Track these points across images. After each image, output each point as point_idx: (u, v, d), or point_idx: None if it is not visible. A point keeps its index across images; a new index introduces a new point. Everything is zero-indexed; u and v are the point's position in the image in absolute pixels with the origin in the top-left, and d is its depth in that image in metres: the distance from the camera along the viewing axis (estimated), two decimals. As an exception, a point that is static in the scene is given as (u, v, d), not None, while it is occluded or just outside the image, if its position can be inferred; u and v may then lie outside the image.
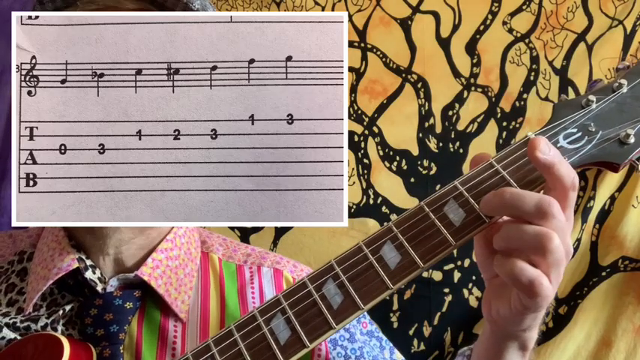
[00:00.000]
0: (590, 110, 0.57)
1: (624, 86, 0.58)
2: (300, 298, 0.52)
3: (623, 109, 0.56)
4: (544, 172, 0.51)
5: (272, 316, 0.52)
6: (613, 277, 1.29)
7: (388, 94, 1.49)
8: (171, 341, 0.69)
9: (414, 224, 0.53)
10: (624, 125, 0.55)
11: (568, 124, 0.56)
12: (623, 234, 1.28)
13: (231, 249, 0.80)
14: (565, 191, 0.51)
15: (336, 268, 0.53)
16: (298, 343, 0.51)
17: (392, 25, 1.49)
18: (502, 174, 0.53)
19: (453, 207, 0.53)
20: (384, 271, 0.51)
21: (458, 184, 0.54)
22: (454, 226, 0.52)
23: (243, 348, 0.52)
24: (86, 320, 0.67)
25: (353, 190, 1.44)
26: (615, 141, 0.55)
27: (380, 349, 0.78)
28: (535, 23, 1.42)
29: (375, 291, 0.51)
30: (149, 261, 0.70)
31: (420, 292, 1.41)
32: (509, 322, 0.54)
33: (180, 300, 0.71)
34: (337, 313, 0.51)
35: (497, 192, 0.51)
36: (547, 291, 0.49)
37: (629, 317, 1.26)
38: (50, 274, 0.68)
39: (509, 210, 0.50)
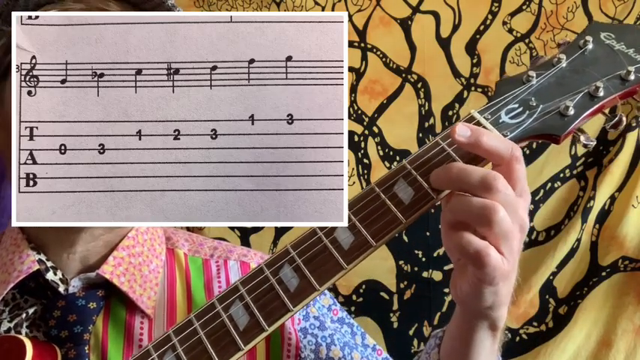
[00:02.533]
0: (530, 85, 0.58)
1: (563, 60, 0.59)
2: (258, 283, 0.53)
3: (563, 82, 0.58)
4: (474, 151, 0.53)
5: (231, 303, 0.53)
6: (613, 277, 1.29)
7: (388, 94, 1.49)
8: (138, 338, 0.69)
9: (365, 204, 0.54)
10: (564, 98, 0.57)
11: (509, 100, 0.57)
12: (623, 234, 1.28)
13: (197, 244, 0.80)
14: (507, 164, 0.53)
15: (292, 252, 0.54)
16: (257, 327, 0.52)
17: (392, 25, 1.49)
18: (448, 151, 0.55)
19: (403, 186, 0.54)
20: (338, 252, 0.53)
21: (406, 163, 0.55)
22: (403, 204, 0.53)
23: (203, 336, 0.52)
24: (50, 322, 0.66)
25: (353, 190, 1.44)
26: (556, 113, 0.56)
27: (351, 335, 0.78)
28: (535, 23, 1.42)
29: (330, 271, 0.53)
30: (110, 259, 0.70)
31: (420, 292, 1.41)
32: (471, 297, 0.55)
33: (146, 296, 0.70)
34: (294, 296, 0.52)
35: (445, 166, 0.53)
36: (495, 261, 0.50)
37: (629, 317, 1.26)
38: (10, 278, 0.67)
39: (456, 184, 0.52)
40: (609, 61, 0.59)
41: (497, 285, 0.53)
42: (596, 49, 0.61)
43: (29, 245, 0.70)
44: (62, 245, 0.70)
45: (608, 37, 0.61)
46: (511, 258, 0.52)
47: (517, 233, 0.52)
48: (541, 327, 1.33)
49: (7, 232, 0.74)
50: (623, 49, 0.60)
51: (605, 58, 0.60)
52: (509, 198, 0.51)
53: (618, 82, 0.58)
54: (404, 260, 1.42)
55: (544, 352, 1.29)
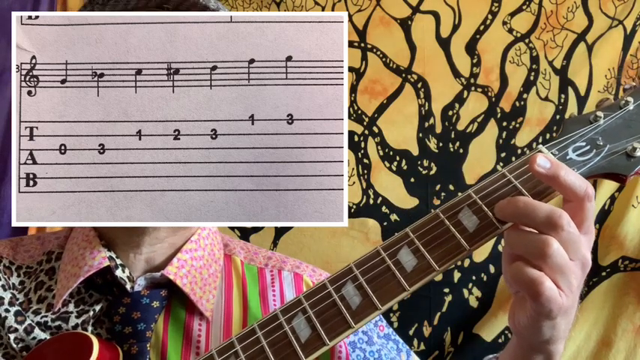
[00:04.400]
0: (598, 125, 0.60)
1: (631, 103, 0.61)
2: (321, 298, 0.55)
3: (630, 124, 0.59)
4: (550, 183, 0.54)
5: (293, 315, 0.55)
6: (613, 277, 1.29)
7: (388, 94, 1.49)
8: (196, 339, 0.70)
9: (429, 230, 0.55)
10: (631, 139, 0.58)
11: (577, 138, 0.59)
12: (623, 234, 1.28)
13: (252, 252, 0.82)
14: (579, 202, 0.53)
15: (355, 271, 0.55)
16: (318, 340, 0.53)
17: (392, 25, 1.49)
18: (514, 183, 0.56)
19: (467, 214, 0.55)
20: (401, 273, 0.54)
21: (472, 192, 0.56)
22: (468, 232, 0.54)
23: (265, 345, 0.54)
24: (115, 318, 0.68)
25: (353, 190, 1.44)
26: (622, 154, 0.58)
27: (397, 351, 0.79)
28: (535, 23, 1.42)
29: (392, 292, 0.54)
30: (174, 261, 0.71)
31: (420, 292, 1.40)
32: (529, 330, 0.55)
33: (205, 299, 0.72)
34: (356, 313, 0.53)
35: (511, 199, 0.54)
36: (550, 292, 0.50)
37: (629, 317, 1.26)
38: (81, 272, 0.69)
39: (521, 218, 0.53)
40: None
41: (556, 319, 0.53)
42: None
43: (100, 242, 0.72)
44: (129, 245, 0.72)
45: None
46: (570, 293, 0.52)
47: (577, 270, 0.52)
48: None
49: (78, 228, 0.75)
50: None
51: None
52: (572, 236, 0.52)
53: None
54: (404, 260, 1.42)
55: (544, 352, 1.29)
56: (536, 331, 0.54)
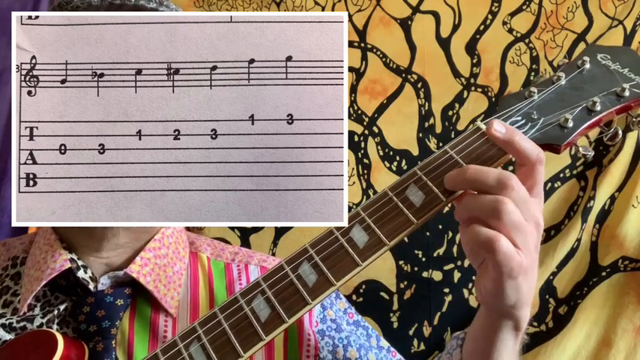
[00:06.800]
0: (532, 100, 0.63)
1: (562, 78, 0.64)
2: (278, 279, 0.57)
3: (562, 98, 0.63)
4: (507, 148, 0.57)
5: (253, 297, 0.57)
6: (613, 277, 1.29)
7: (388, 94, 1.49)
8: (162, 335, 0.71)
9: (379, 207, 0.58)
10: (563, 111, 0.61)
11: (513, 113, 0.62)
12: (623, 234, 1.28)
13: (219, 249, 0.83)
14: (532, 164, 0.56)
15: (310, 251, 0.58)
16: (278, 319, 0.55)
17: (392, 25, 1.49)
18: (456, 158, 0.59)
19: (414, 190, 0.58)
20: (354, 250, 0.56)
21: (417, 169, 0.59)
22: (415, 207, 0.57)
23: (227, 327, 0.56)
24: (79, 317, 0.69)
25: (353, 190, 1.44)
26: (556, 125, 0.61)
27: (367, 337, 0.80)
28: (535, 23, 1.42)
29: (346, 268, 0.56)
30: (137, 259, 0.72)
31: (420, 292, 1.41)
32: (494, 295, 0.56)
33: (170, 296, 0.73)
34: (312, 290, 0.56)
35: (461, 169, 0.57)
36: (506, 248, 0.52)
37: (629, 317, 1.26)
38: (44, 275, 0.70)
39: (473, 183, 0.55)
40: (606, 79, 0.64)
41: (517, 279, 0.54)
42: (593, 68, 0.65)
43: (62, 245, 0.73)
44: (89, 248, 0.73)
45: (605, 57, 0.67)
46: (527, 252, 0.54)
47: (532, 229, 0.54)
48: (541, 327, 1.33)
49: (40, 233, 0.77)
50: (618, 68, 0.65)
51: (601, 77, 0.64)
52: (522, 195, 0.54)
53: (614, 98, 0.62)
54: (404, 260, 1.42)
55: (544, 352, 1.29)
56: (500, 294, 0.56)
